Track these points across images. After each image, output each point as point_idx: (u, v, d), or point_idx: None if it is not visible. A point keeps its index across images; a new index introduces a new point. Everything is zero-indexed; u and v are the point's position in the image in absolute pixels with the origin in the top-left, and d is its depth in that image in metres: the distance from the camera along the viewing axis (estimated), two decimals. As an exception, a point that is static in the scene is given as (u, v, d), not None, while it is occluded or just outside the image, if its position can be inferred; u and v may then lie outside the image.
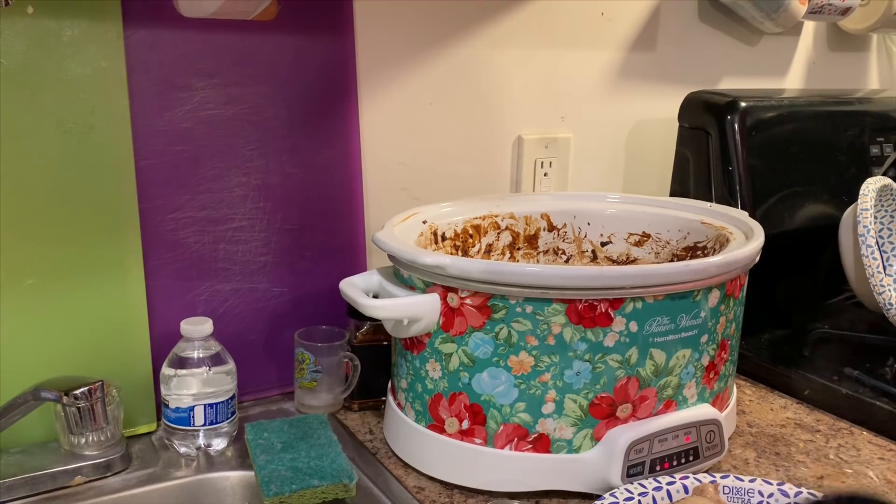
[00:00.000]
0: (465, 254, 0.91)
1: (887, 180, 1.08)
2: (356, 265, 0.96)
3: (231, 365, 0.82)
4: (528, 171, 1.11)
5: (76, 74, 0.76)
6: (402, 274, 0.76)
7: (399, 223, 0.84)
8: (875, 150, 1.22)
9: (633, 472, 0.71)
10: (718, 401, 0.79)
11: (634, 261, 0.95)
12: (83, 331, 0.79)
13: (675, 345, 0.72)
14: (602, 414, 0.72)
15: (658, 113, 1.22)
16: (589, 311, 0.68)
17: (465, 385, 0.72)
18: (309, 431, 0.80)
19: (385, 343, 0.89)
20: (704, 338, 0.74)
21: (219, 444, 0.81)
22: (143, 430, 0.84)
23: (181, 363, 0.79)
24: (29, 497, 0.73)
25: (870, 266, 1.00)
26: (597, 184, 1.20)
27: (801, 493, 0.68)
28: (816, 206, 1.13)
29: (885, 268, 1.01)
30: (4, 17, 0.72)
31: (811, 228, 1.12)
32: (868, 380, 0.95)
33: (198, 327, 0.79)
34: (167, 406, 0.80)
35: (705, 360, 0.76)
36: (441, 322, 0.72)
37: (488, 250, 0.93)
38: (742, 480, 0.70)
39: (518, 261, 0.95)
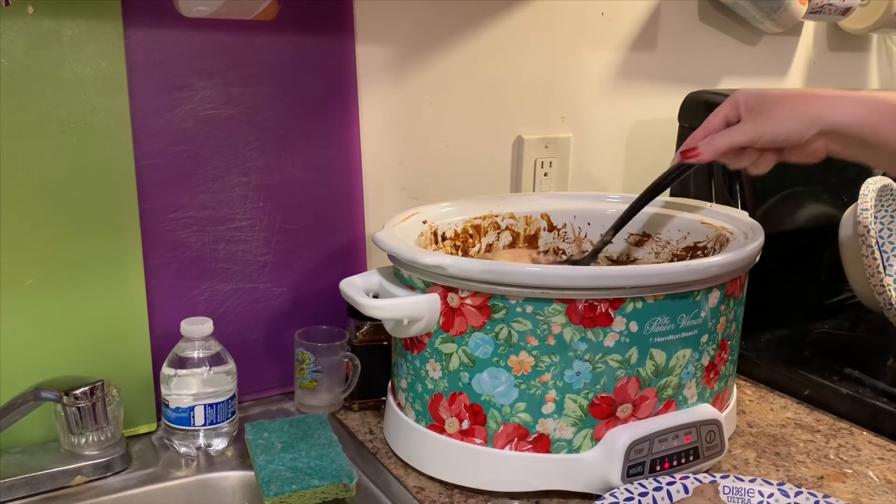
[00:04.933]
0: (466, 254, 0.91)
1: (887, 180, 1.08)
2: (356, 265, 0.96)
3: (231, 365, 0.82)
4: (528, 171, 1.11)
5: (76, 74, 0.76)
6: (402, 274, 0.76)
7: (399, 223, 0.84)
8: (875, 150, 1.22)
9: (633, 472, 0.71)
10: (718, 401, 0.79)
11: (634, 261, 0.95)
12: (83, 331, 0.79)
13: (675, 345, 0.72)
14: (602, 414, 0.72)
15: (658, 113, 1.22)
16: (589, 311, 0.68)
17: (466, 385, 0.72)
18: (309, 431, 0.80)
19: (385, 343, 0.89)
20: (704, 338, 0.74)
21: (219, 444, 0.81)
22: (143, 430, 0.84)
23: (181, 363, 0.79)
24: (29, 497, 0.73)
25: (870, 266, 1.00)
26: (597, 184, 1.20)
27: (801, 492, 0.68)
28: (816, 206, 1.13)
29: (885, 268, 1.01)
30: (4, 17, 0.72)
31: (811, 228, 1.12)
32: (868, 380, 0.95)
33: (198, 327, 0.79)
34: (167, 406, 0.80)
35: (705, 360, 0.76)
36: (441, 322, 0.72)
37: (488, 250, 0.93)
38: (742, 480, 0.70)
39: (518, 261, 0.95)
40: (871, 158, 0.72)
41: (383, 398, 0.88)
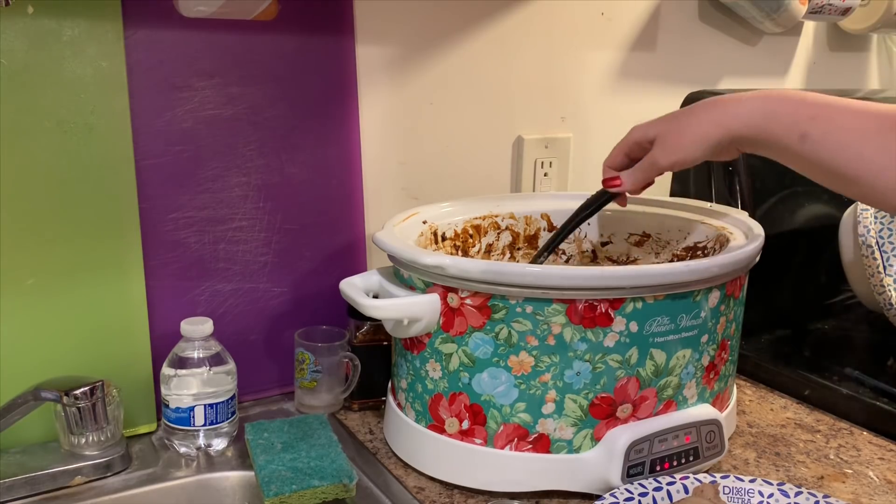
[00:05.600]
0: (465, 254, 0.91)
1: (887, 180, 1.07)
2: (356, 265, 0.96)
3: (231, 365, 0.82)
4: (528, 171, 1.11)
5: (76, 74, 0.76)
6: (402, 274, 0.76)
7: (399, 223, 0.84)
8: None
9: (633, 472, 0.71)
10: (718, 401, 0.79)
11: (634, 261, 0.95)
12: (83, 331, 0.79)
13: (675, 345, 0.72)
14: (602, 414, 0.72)
15: (658, 113, 1.20)
16: (589, 311, 0.68)
17: (465, 385, 0.72)
18: (309, 431, 0.80)
19: (385, 343, 0.89)
20: (705, 338, 0.74)
21: (219, 444, 0.81)
22: (143, 430, 0.84)
23: (181, 363, 0.79)
24: (29, 497, 0.73)
25: (870, 266, 1.00)
26: (597, 184, 1.20)
27: (801, 493, 0.68)
28: (816, 206, 1.13)
29: (885, 268, 1.01)
30: (4, 17, 0.72)
31: (811, 228, 1.12)
32: (868, 380, 0.95)
33: (198, 327, 0.79)
34: (167, 406, 0.80)
35: (705, 361, 0.76)
36: (441, 322, 0.72)
37: (488, 250, 0.93)
38: (742, 480, 0.70)
39: (518, 261, 0.95)
40: (779, 158, 0.71)
41: (383, 398, 0.88)
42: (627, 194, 0.83)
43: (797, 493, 0.68)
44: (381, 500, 0.74)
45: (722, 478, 0.70)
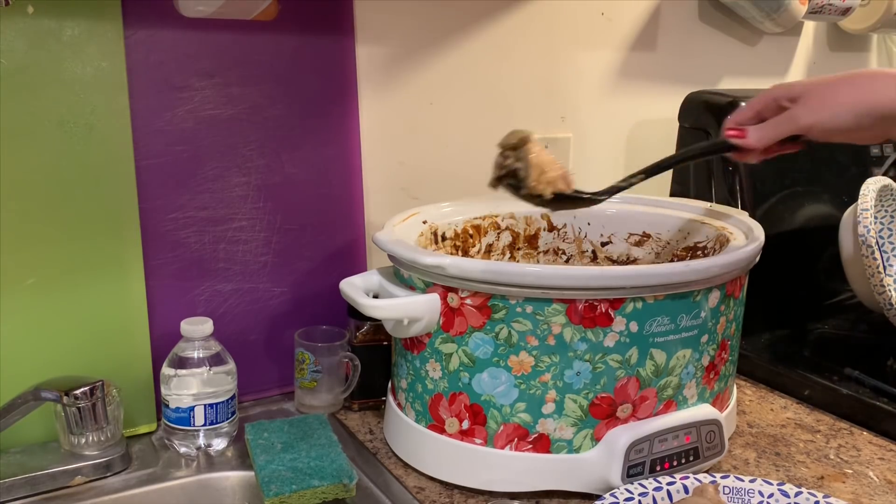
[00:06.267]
0: (466, 254, 0.91)
1: (887, 180, 1.08)
2: (356, 265, 0.96)
3: (231, 365, 0.82)
4: (528, 171, 1.11)
5: (76, 74, 0.76)
6: (402, 274, 0.76)
7: (399, 223, 0.84)
8: (875, 150, 1.22)
9: (633, 472, 0.71)
10: (718, 401, 0.79)
11: (634, 261, 0.95)
12: (83, 331, 0.79)
13: (675, 345, 0.72)
14: (602, 414, 0.72)
15: (658, 113, 1.22)
16: (589, 311, 0.68)
17: (466, 385, 0.72)
18: (309, 431, 0.80)
19: (385, 343, 0.89)
20: (705, 338, 0.74)
21: (219, 444, 0.81)
22: (143, 430, 0.84)
23: (181, 363, 0.79)
24: (29, 497, 0.73)
25: (870, 266, 1.00)
26: (597, 184, 1.20)
27: (801, 493, 0.68)
28: (816, 206, 1.13)
29: (885, 268, 1.01)
30: (4, 17, 0.72)
31: (811, 228, 1.12)
32: (868, 380, 0.95)
33: (198, 327, 0.79)
34: (167, 406, 0.80)
35: (705, 360, 0.76)
36: (441, 322, 0.72)
37: (488, 250, 0.93)
38: (742, 480, 0.70)
39: (518, 261, 0.95)
40: None
41: (383, 398, 0.88)
42: (748, 153, 0.75)
43: (797, 493, 0.68)
44: (381, 500, 0.74)
45: (722, 478, 0.70)
